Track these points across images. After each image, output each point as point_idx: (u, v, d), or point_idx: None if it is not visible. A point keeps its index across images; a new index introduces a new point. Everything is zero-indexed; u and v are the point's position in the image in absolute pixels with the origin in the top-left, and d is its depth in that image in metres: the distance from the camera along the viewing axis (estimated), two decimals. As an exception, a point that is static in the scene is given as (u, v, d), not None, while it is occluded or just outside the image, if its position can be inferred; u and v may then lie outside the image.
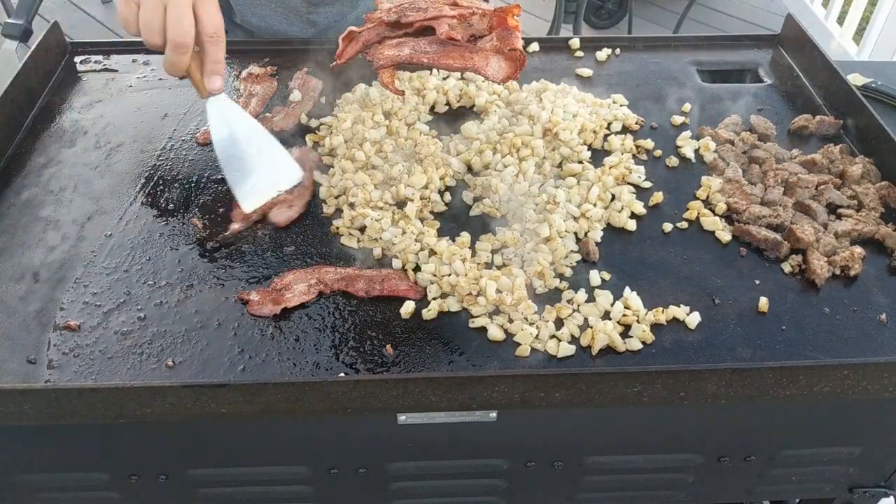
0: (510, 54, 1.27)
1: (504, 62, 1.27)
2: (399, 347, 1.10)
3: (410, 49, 1.29)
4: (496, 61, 1.27)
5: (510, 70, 1.28)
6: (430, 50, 1.28)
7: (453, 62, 1.27)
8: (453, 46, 1.28)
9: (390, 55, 1.29)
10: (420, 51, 1.28)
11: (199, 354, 1.08)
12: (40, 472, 1.17)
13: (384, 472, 1.20)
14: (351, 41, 1.35)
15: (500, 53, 1.27)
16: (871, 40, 4.01)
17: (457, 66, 1.28)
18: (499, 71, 1.27)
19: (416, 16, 1.30)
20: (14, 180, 1.37)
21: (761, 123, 1.51)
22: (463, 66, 1.28)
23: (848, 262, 1.21)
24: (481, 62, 1.27)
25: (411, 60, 1.29)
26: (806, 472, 1.27)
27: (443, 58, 1.27)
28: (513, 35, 1.28)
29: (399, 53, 1.28)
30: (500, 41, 1.28)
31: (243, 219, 1.29)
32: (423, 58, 1.28)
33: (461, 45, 1.28)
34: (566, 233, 1.26)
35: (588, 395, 1.04)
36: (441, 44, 1.28)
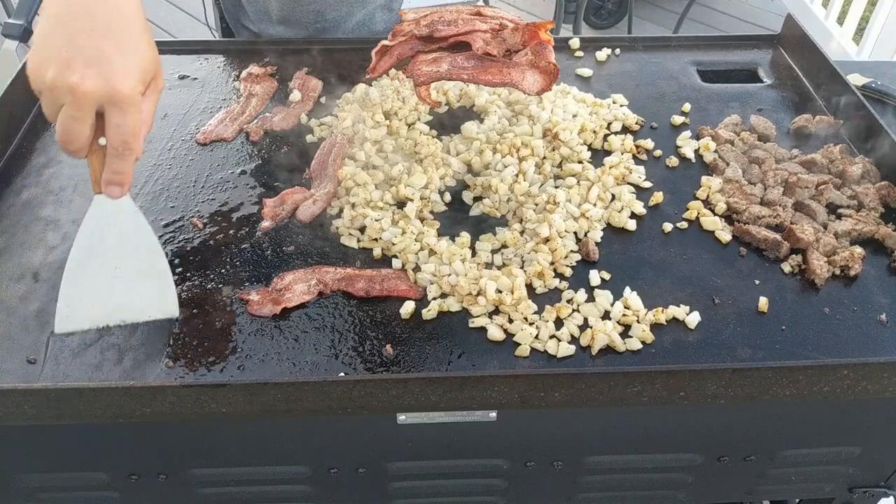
0: (545, 68, 1.30)
1: (539, 75, 1.30)
2: (399, 347, 1.10)
3: (448, 65, 1.30)
4: (532, 75, 1.29)
5: (545, 83, 1.30)
6: (468, 66, 1.30)
7: (492, 78, 1.29)
8: (491, 62, 1.30)
9: (429, 72, 1.30)
10: (458, 66, 1.30)
11: (199, 355, 1.08)
12: (40, 472, 1.17)
13: (384, 472, 1.20)
14: (384, 55, 1.36)
15: (536, 67, 1.30)
16: (871, 40, 4.02)
17: (496, 81, 1.30)
18: (534, 84, 1.30)
19: (448, 30, 1.32)
20: (14, 180, 1.37)
21: (761, 123, 1.51)
22: (502, 82, 1.30)
23: (848, 262, 1.21)
24: (518, 77, 1.29)
25: (450, 77, 1.31)
26: (806, 472, 1.27)
27: (481, 74, 1.30)
28: (547, 49, 1.31)
29: (438, 70, 1.30)
30: (535, 55, 1.31)
31: (273, 217, 1.29)
32: (462, 74, 1.30)
33: (498, 61, 1.30)
34: (566, 233, 1.27)
35: (588, 395, 1.04)
36: (478, 59, 1.30)
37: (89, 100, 0.90)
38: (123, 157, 0.96)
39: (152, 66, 0.97)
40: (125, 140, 0.94)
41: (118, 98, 0.91)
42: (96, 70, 0.89)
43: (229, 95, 1.60)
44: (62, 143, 0.94)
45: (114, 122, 0.93)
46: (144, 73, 0.95)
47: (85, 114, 0.91)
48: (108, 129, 0.93)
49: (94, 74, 0.89)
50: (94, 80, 0.89)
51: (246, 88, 1.61)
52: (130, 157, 0.97)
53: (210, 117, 1.53)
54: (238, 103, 1.57)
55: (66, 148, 0.94)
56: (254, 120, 1.53)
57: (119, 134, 0.93)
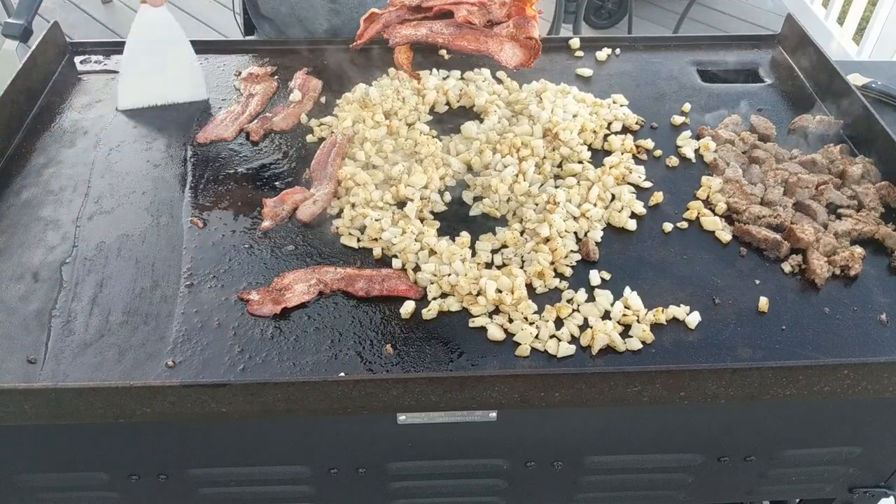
0: (525, 42, 1.30)
1: (518, 49, 1.30)
2: (399, 347, 1.10)
3: (427, 29, 1.32)
4: (511, 47, 1.29)
5: (524, 57, 1.30)
6: (446, 31, 1.31)
7: (467, 44, 1.30)
8: (469, 30, 1.31)
9: (406, 34, 1.32)
10: (436, 31, 1.32)
11: (199, 354, 1.08)
12: (40, 472, 1.17)
13: (384, 472, 1.20)
14: (372, 22, 1.38)
15: (515, 40, 1.30)
16: (871, 40, 4.01)
17: (471, 48, 1.31)
18: (513, 57, 1.30)
19: (436, 0, 1.33)
20: (14, 180, 1.37)
21: (761, 123, 1.51)
22: (477, 49, 1.31)
23: (848, 262, 1.21)
24: (495, 47, 1.30)
25: (426, 40, 1.32)
26: (806, 472, 1.26)
27: (458, 39, 1.31)
28: (529, 23, 1.31)
29: (415, 33, 1.32)
30: (517, 28, 1.31)
31: (273, 217, 1.29)
32: (438, 38, 1.31)
33: (476, 29, 1.31)
34: (566, 233, 1.26)
35: (588, 395, 1.04)
36: (457, 27, 1.31)
37: None
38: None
39: None
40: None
41: None
42: None
43: (229, 95, 1.60)
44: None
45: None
46: None
47: None
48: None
49: None
50: None
51: (246, 88, 1.61)
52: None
53: (210, 117, 1.53)
54: (238, 103, 1.57)
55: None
56: (254, 120, 1.53)
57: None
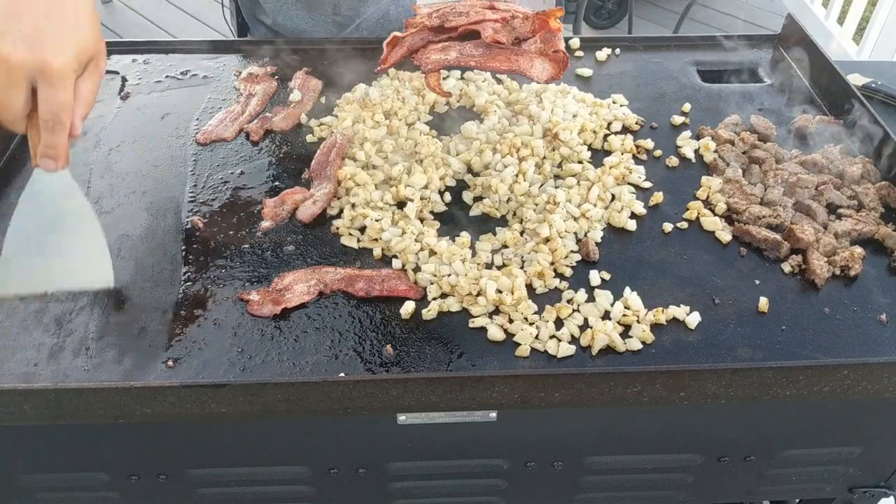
0: (554, 56, 1.31)
1: (548, 63, 1.30)
2: (399, 347, 1.10)
3: (457, 53, 1.31)
4: (540, 63, 1.30)
5: (554, 71, 1.31)
6: (476, 53, 1.31)
7: (500, 65, 1.30)
8: (499, 49, 1.31)
9: (437, 59, 1.31)
10: (467, 54, 1.31)
11: (198, 354, 1.08)
12: (40, 472, 1.17)
13: (384, 472, 1.21)
14: (395, 46, 1.37)
15: (544, 55, 1.31)
16: (871, 40, 4.02)
17: (504, 68, 1.31)
18: (543, 72, 1.30)
19: (459, 21, 1.32)
20: (14, 180, 1.37)
21: (761, 123, 1.51)
22: (509, 69, 1.31)
23: (848, 262, 1.21)
24: (526, 64, 1.30)
25: (458, 64, 1.31)
26: (806, 472, 1.27)
27: (489, 61, 1.30)
28: (556, 37, 1.32)
29: (446, 57, 1.31)
30: (544, 43, 1.32)
31: (273, 217, 1.30)
32: (470, 61, 1.31)
33: (506, 48, 1.31)
34: (566, 233, 1.27)
35: (588, 395, 1.04)
36: (486, 47, 1.31)
37: (20, 70, 0.93)
38: (54, 132, 0.99)
39: (92, 46, 1.00)
40: (55, 113, 0.97)
41: (48, 72, 0.94)
42: (29, 44, 0.93)
43: (229, 95, 1.60)
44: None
45: (44, 96, 0.96)
46: (81, 52, 0.97)
47: (16, 83, 0.94)
48: (40, 102, 0.96)
49: (26, 47, 0.93)
50: (25, 52, 0.93)
51: (246, 88, 1.61)
52: (62, 132, 0.99)
53: (210, 117, 1.53)
54: (238, 103, 1.57)
55: (1, 118, 0.98)
56: (254, 120, 1.53)
57: (49, 107, 0.96)
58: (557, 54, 1.30)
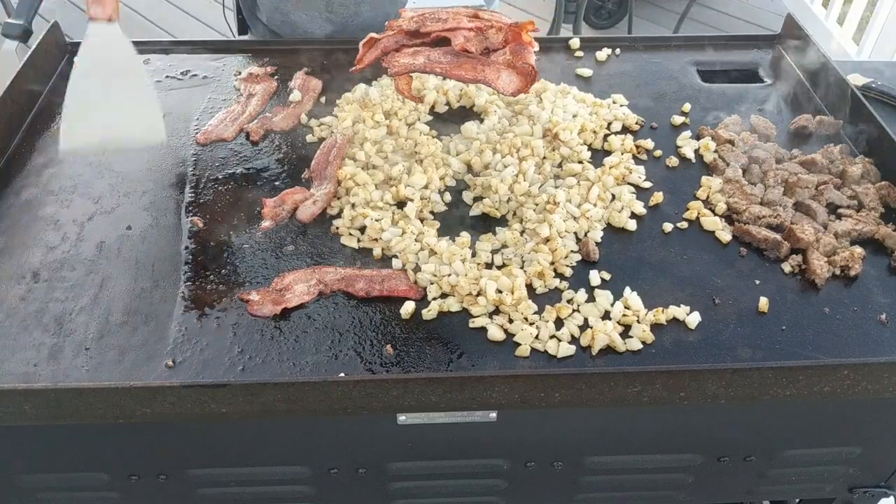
0: (522, 69, 1.30)
1: (515, 76, 1.29)
2: (399, 347, 1.10)
3: (425, 59, 1.31)
4: (507, 75, 1.29)
5: (521, 84, 1.30)
6: (443, 60, 1.30)
7: (465, 73, 1.30)
8: (466, 58, 1.31)
9: (405, 63, 1.30)
10: (434, 60, 1.31)
11: (199, 354, 1.08)
12: (40, 472, 1.17)
13: (384, 472, 1.20)
14: (371, 47, 1.37)
15: (512, 67, 1.30)
16: (871, 40, 4.01)
17: (468, 77, 1.30)
18: (510, 84, 1.29)
19: (434, 26, 1.32)
20: (14, 180, 1.37)
21: (761, 123, 1.51)
22: (474, 78, 1.30)
23: (848, 262, 1.21)
24: (492, 75, 1.29)
25: (425, 70, 1.31)
26: (806, 472, 1.27)
27: (455, 69, 1.30)
28: (525, 50, 1.31)
29: (413, 62, 1.31)
30: (513, 55, 1.31)
31: (273, 217, 1.30)
32: (436, 67, 1.30)
33: (474, 58, 1.31)
34: (566, 233, 1.26)
35: (588, 395, 1.04)
36: (455, 55, 1.31)
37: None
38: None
39: None
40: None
41: None
42: None
43: (230, 95, 1.60)
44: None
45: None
46: None
47: None
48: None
49: None
50: None
51: (246, 88, 1.61)
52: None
53: (210, 117, 1.53)
54: (238, 103, 1.57)
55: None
56: (254, 120, 1.53)
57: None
58: (525, 67, 1.29)
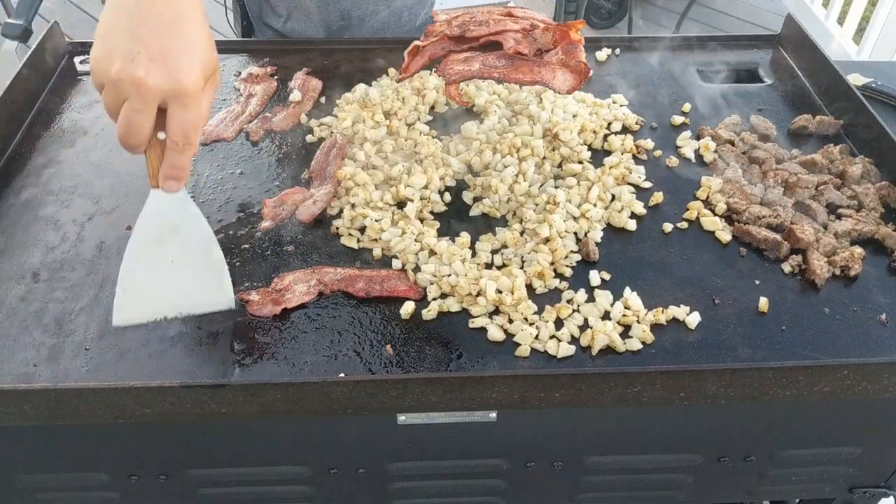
0: (575, 67, 1.31)
1: (570, 74, 1.30)
2: (399, 347, 1.10)
3: (480, 64, 1.31)
4: (562, 74, 1.30)
5: (575, 82, 1.31)
6: (499, 65, 1.31)
7: (523, 76, 1.30)
8: (522, 61, 1.31)
9: (461, 70, 1.31)
10: (490, 66, 1.31)
11: (199, 354, 1.08)
12: (40, 472, 1.17)
13: (384, 473, 1.21)
14: (416, 55, 1.37)
15: (566, 66, 1.31)
16: (871, 40, 4.02)
17: (527, 80, 1.31)
18: (565, 83, 1.30)
19: (480, 30, 1.32)
20: (14, 180, 1.37)
21: (761, 123, 1.51)
22: (532, 80, 1.31)
23: (848, 262, 1.21)
24: (549, 75, 1.30)
25: (482, 75, 1.32)
26: (806, 472, 1.27)
27: (513, 72, 1.30)
28: (577, 48, 1.32)
29: (470, 68, 1.31)
30: (566, 54, 1.31)
31: (273, 217, 1.30)
32: (493, 73, 1.31)
33: (530, 60, 1.31)
34: (566, 233, 1.27)
35: (588, 395, 1.04)
36: (509, 59, 1.31)
37: (154, 94, 0.91)
38: (183, 152, 0.97)
39: (212, 62, 0.98)
40: (186, 134, 0.95)
41: (182, 93, 0.92)
42: (162, 65, 0.90)
43: (229, 95, 1.60)
44: (123, 137, 0.94)
45: (176, 117, 0.94)
46: (206, 68, 0.96)
47: (149, 108, 0.92)
48: (171, 123, 0.94)
49: (160, 69, 0.90)
50: (160, 75, 0.90)
51: (246, 88, 1.61)
52: (189, 151, 0.98)
53: (210, 117, 1.53)
54: (238, 103, 1.57)
55: (126, 142, 0.95)
56: (254, 120, 1.53)
57: (181, 128, 0.94)
58: (579, 65, 1.31)
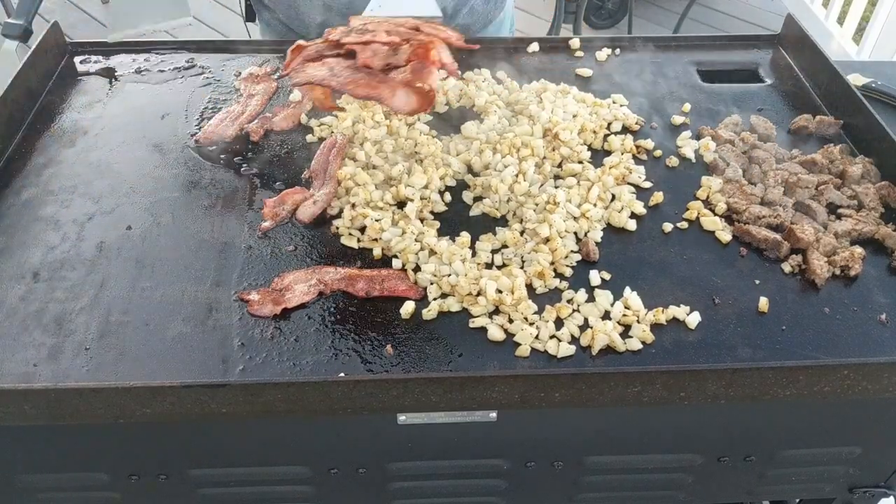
0: (419, 89, 1.23)
1: (413, 95, 1.22)
2: (399, 347, 1.10)
3: (326, 71, 1.25)
4: (404, 94, 1.22)
5: (418, 104, 1.23)
6: (343, 75, 1.24)
7: (360, 90, 1.23)
8: (364, 74, 1.24)
9: (307, 74, 1.25)
10: (334, 74, 1.25)
11: (199, 354, 1.08)
12: (40, 472, 1.17)
13: (384, 472, 1.21)
14: (298, 54, 1.32)
15: (410, 87, 1.22)
16: (871, 40, 4.02)
17: (361, 94, 1.24)
18: (406, 104, 1.23)
19: (350, 38, 1.26)
20: (14, 180, 1.37)
21: (761, 123, 1.51)
22: (367, 95, 1.24)
23: (848, 262, 1.21)
24: (387, 94, 1.23)
25: (323, 83, 1.25)
26: (806, 472, 1.27)
27: (350, 84, 1.24)
28: (426, 70, 1.23)
29: (315, 74, 1.25)
30: (413, 74, 1.23)
31: (273, 217, 1.30)
32: (332, 81, 1.24)
33: (372, 74, 1.24)
34: (566, 233, 1.26)
35: (588, 395, 1.04)
36: (355, 70, 1.25)
37: None
38: None
39: None
40: None
41: None
42: None
43: (229, 95, 1.60)
44: None
45: None
46: None
47: None
48: None
49: None
50: None
51: (246, 88, 1.61)
52: None
53: (210, 117, 1.53)
54: (238, 103, 1.57)
55: None
56: (254, 120, 1.53)
57: None
58: (422, 88, 1.23)
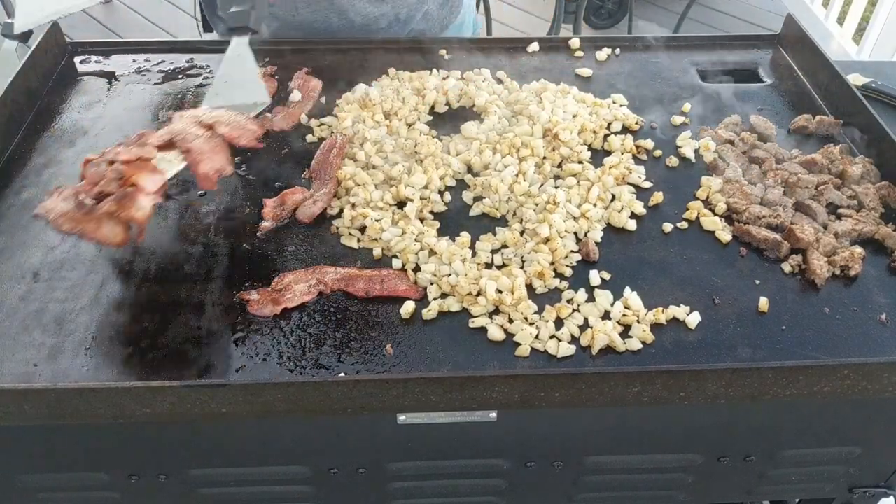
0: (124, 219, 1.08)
1: (119, 227, 1.08)
2: (399, 347, 1.10)
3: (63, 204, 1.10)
4: (110, 227, 1.07)
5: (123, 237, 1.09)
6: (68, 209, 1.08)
7: (69, 228, 1.08)
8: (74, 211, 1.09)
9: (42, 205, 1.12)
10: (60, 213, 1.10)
11: (199, 354, 1.08)
12: (40, 472, 1.17)
13: (384, 472, 1.20)
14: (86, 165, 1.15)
15: (116, 217, 1.07)
16: (871, 40, 4.02)
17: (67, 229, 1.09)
18: (114, 237, 1.08)
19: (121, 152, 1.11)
20: (14, 180, 1.37)
21: (761, 123, 1.51)
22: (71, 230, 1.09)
23: (848, 262, 1.21)
24: (92, 227, 1.08)
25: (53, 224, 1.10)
26: (806, 472, 1.27)
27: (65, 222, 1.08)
28: (130, 198, 1.08)
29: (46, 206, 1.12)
30: (118, 204, 1.07)
31: (273, 217, 1.30)
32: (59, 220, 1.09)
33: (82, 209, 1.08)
34: (566, 233, 1.26)
35: (588, 395, 1.04)
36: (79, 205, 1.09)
37: None
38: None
39: None
40: None
41: None
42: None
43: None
44: None
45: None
46: None
47: None
48: None
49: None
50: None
51: (246, 88, 1.61)
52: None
53: (210, 117, 1.53)
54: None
55: None
56: (254, 120, 1.53)
57: None
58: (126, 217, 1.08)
